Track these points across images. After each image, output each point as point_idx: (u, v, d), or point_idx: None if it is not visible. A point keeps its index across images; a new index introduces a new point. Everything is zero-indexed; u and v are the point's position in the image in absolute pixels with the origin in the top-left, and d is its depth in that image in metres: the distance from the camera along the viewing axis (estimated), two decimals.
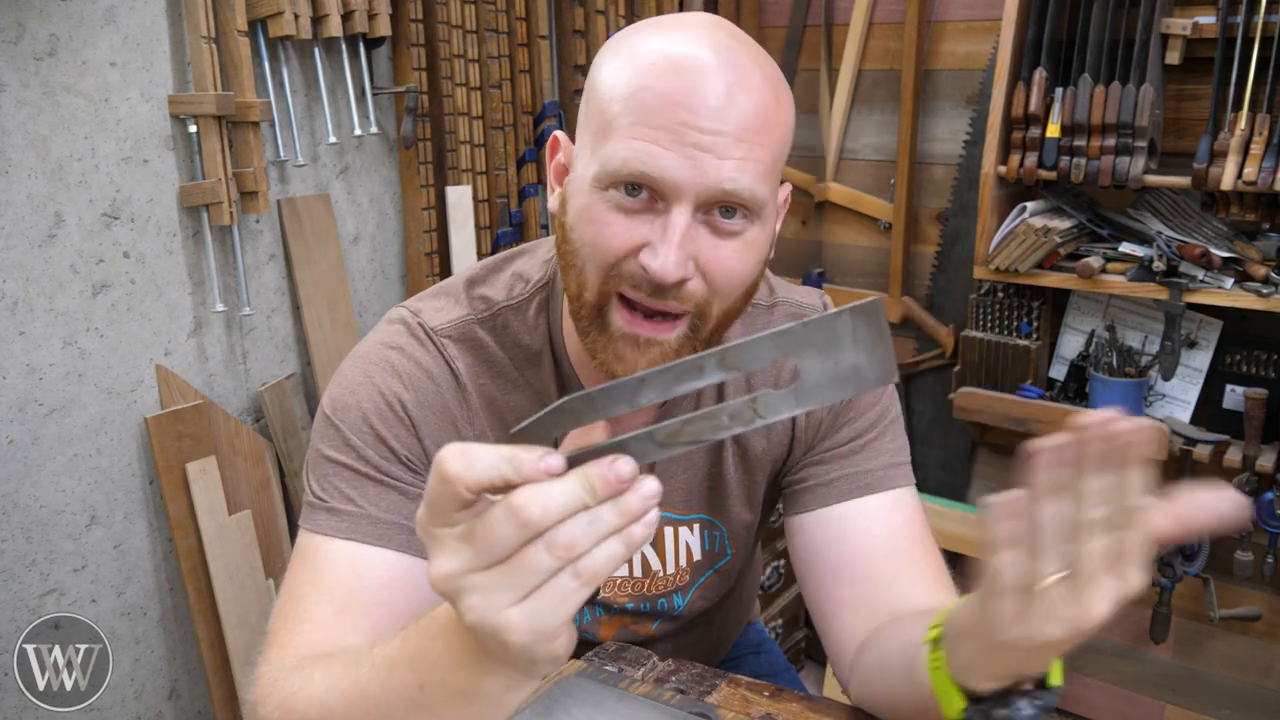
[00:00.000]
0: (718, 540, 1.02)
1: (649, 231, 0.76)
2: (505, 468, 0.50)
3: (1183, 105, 2.10)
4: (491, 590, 0.51)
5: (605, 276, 0.79)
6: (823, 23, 2.57)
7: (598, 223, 0.78)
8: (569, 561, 0.50)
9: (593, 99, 0.80)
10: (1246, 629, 2.25)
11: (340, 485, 0.86)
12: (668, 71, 0.75)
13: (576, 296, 0.81)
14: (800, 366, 0.51)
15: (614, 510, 0.50)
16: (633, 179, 0.75)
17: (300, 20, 1.63)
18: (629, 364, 0.80)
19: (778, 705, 0.91)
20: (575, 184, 0.81)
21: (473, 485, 0.50)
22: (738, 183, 0.75)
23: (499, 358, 0.92)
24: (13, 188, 1.38)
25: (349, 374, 0.90)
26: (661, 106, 0.74)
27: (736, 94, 0.75)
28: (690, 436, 0.52)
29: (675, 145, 0.74)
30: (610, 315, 0.80)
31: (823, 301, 1.02)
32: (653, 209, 0.77)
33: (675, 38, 0.77)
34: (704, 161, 0.74)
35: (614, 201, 0.77)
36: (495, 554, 0.50)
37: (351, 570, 0.83)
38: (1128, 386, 2.12)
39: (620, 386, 0.51)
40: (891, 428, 0.98)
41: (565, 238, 0.82)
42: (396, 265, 2.01)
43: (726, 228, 0.78)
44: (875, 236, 2.60)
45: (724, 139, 0.74)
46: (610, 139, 0.76)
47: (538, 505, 0.49)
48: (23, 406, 1.43)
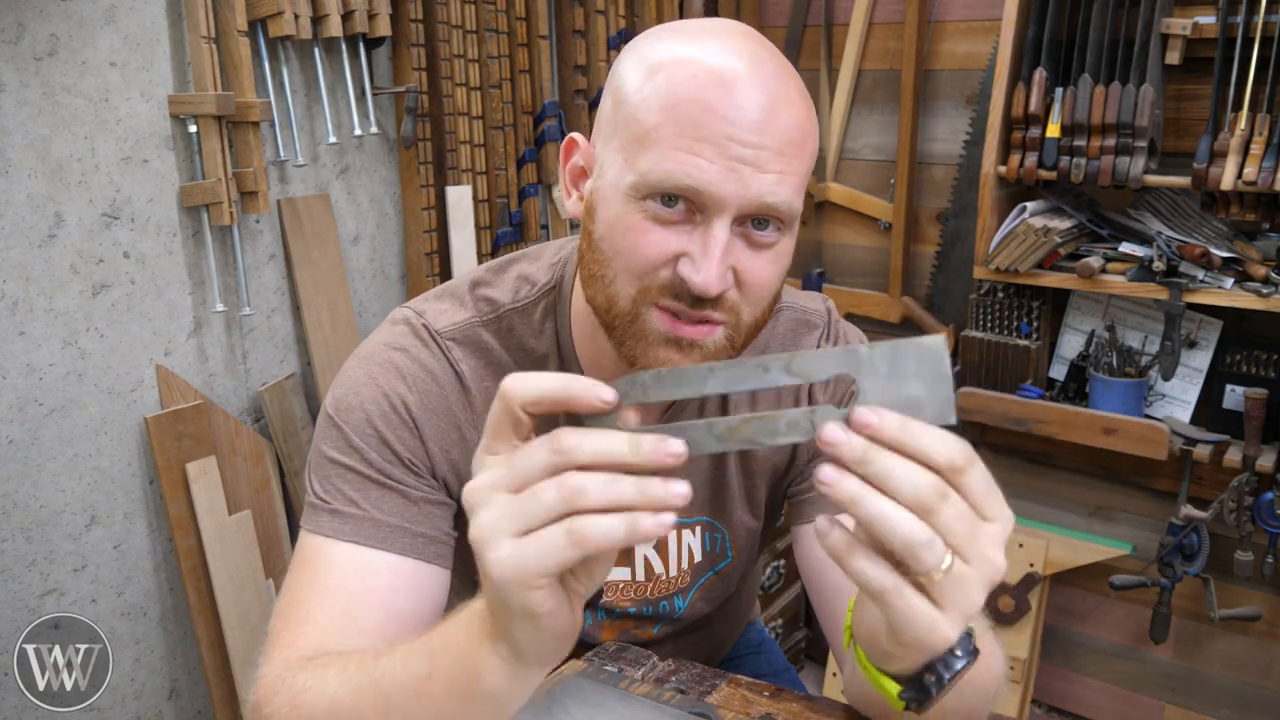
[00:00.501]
0: (719, 542, 1.02)
1: (686, 242, 0.76)
2: (557, 385, 0.53)
3: (1183, 105, 2.10)
4: (501, 513, 0.54)
5: (640, 287, 0.78)
6: (823, 23, 2.57)
7: (633, 231, 0.77)
8: (569, 511, 0.51)
9: (623, 106, 0.79)
10: (1246, 629, 2.25)
11: (343, 487, 0.86)
12: (710, 84, 0.74)
13: (606, 309, 0.81)
14: (861, 387, 0.53)
15: (635, 486, 0.51)
16: (676, 191, 0.75)
17: (300, 20, 1.63)
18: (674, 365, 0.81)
19: (778, 705, 0.91)
20: (604, 192, 0.80)
21: (528, 400, 0.53)
22: (777, 195, 0.75)
23: (503, 360, 0.92)
24: (13, 188, 1.38)
25: (353, 375, 0.90)
26: (705, 119, 0.74)
27: (778, 107, 0.75)
28: (746, 436, 0.54)
29: (719, 158, 0.74)
30: (649, 320, 0.79)
31: (826, 306, 1.02)
32: (690, 220, 0.76)
33: (710, 46, 0.77)
34: (746, 175, 0.74)
35: (650, 212, 0.76)
36: (520, 477, 0.53)
37: (354, 573, 0.83)
38: (1128, 386, 2.12)
39: (691, 372, 0.54)
40: None
41: (593, 247, 0.81)
42: (396, 265, 2.01)
43: (761, 240, 0.78)
44: (875, 236, 2.60)
45: (766, 152, 0.74)
46: (649, 149, 0.75)
47: (573, 436, 0.52)
48: (23, 406, 1.43)
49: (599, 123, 0.83)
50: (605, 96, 0.83)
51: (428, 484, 0.89)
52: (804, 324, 0.99)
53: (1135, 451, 2.10)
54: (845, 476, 0.52)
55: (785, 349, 0.97)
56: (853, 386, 0.54)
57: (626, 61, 0.81)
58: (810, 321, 0.99)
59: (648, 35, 0.83)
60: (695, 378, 0.54)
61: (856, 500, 0.52)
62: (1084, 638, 2.46)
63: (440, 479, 0.90)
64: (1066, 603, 2.46)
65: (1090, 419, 2.13)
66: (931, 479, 0.52)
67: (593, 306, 0.83)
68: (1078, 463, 2.37)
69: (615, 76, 0.82)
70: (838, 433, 0.52)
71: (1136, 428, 2.08)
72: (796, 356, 0.53)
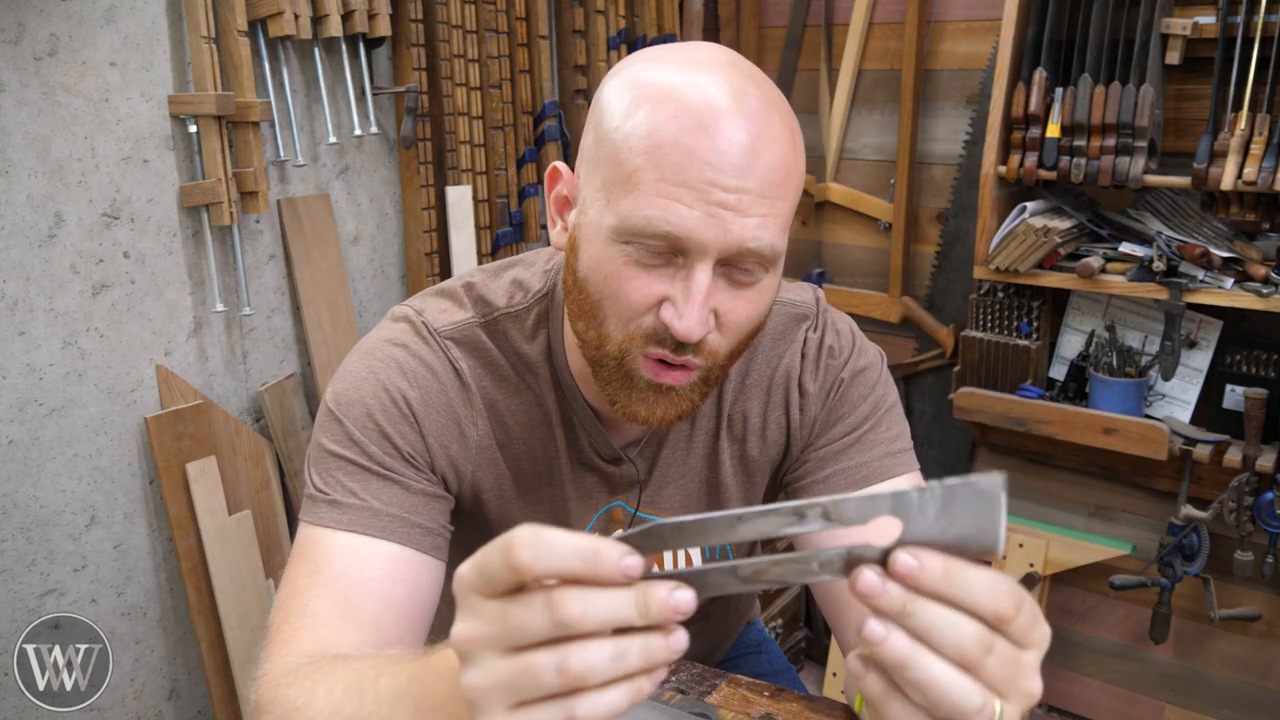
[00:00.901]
0: (716, 547, 1.03)
1: (668, 287, 0.76)
2: (579, 562, 0.47)
3: (1183, 105, 2.10)
4: (494, 682, 0.49)
5: (626, 334, 0.79)
6: (823, 23, 2.57)
7: (616, 277, 0.77)
8: (573, 692, 0.48)
9: (604, 143, 0.78)
10: (1246, 629, 2.25)
11: (343, 479, 0.86)
12: (691, 126, 0.73)
13: (597, 346, 0.81)
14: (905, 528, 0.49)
15: (640, 653, 0.48)
16: (656, 237, 0.75)
17: (300, 20, 1.64)
18: (651, 410, 0.82)
19: (778, 705, 0.91)
20: (586, 230, 0.80)
21: (540, 576, 0.47)
22: (759, 240, 0.75)
23: (500, 362, 0.93)
24: (13, 188, 1.38)
25: (353, 369, 0.90)
26: (686, 164, 0.73)
27: (760, 148, 0.74)
28: (775, 577, 0.50)
29: (700, 204, 0.73)
30: (635, 368, 0.80)
31: (815, 296, 1.01)
32: (672, 263, 0.76)
33: (694, 80, 0.75)
34: (727, 220, 0.74)
35: (632, 256, 0.76)
36: (517, 640, 0.48)
37: (353, 563, 0.83)
38: (1128, 386, 2.12)
39: (716, 521, 0.50)
40: (887, 416, 0.98)
41: (578, 285, 0.81)
42: (396, 265, 2.01)
43: (743, 280, 0.78)
44: (875, 236, 2.60)
45: (748, 196, 0.74)
46: (630, 194, 0.75)
47: (578, 606, 0.47)
48: (23, 406, 1.43)
49: (582, 153, 0.83)
50: (588, 128, 0.82)
51: (427, 477, 0.89)
52: (794, 318, 0.99)
53: (1135, 451, 2.10)
54: (891, 632, 0.49)
55: (775, 346, 0.97)
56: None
57: (609, 92, 0.80)
58: (800, 314, 0.99)
59: (634, 61, 0.81)
60: (720, 528, 0.49)
61: (906, 665, 0.50)
62: (1084, 638, 2.46)
63: (439, 474, 0.90)
64: (1066, 603, 2.46)
65: (1090, 419, 2.13)
66: (976, 631, 0.50)
67: (581, 340, 0.84)
68: (1078, 463, 2.37)
69: (598, 107, 0.81)
70: (874, 582, 0.49)
71: (1136, 428, 2.08)
72: (838, 503, 0.49)
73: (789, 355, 0.98)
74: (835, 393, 0.97)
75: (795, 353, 0.98)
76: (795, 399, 0.97)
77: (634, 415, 0.82)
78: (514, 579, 0.48)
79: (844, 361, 0.98)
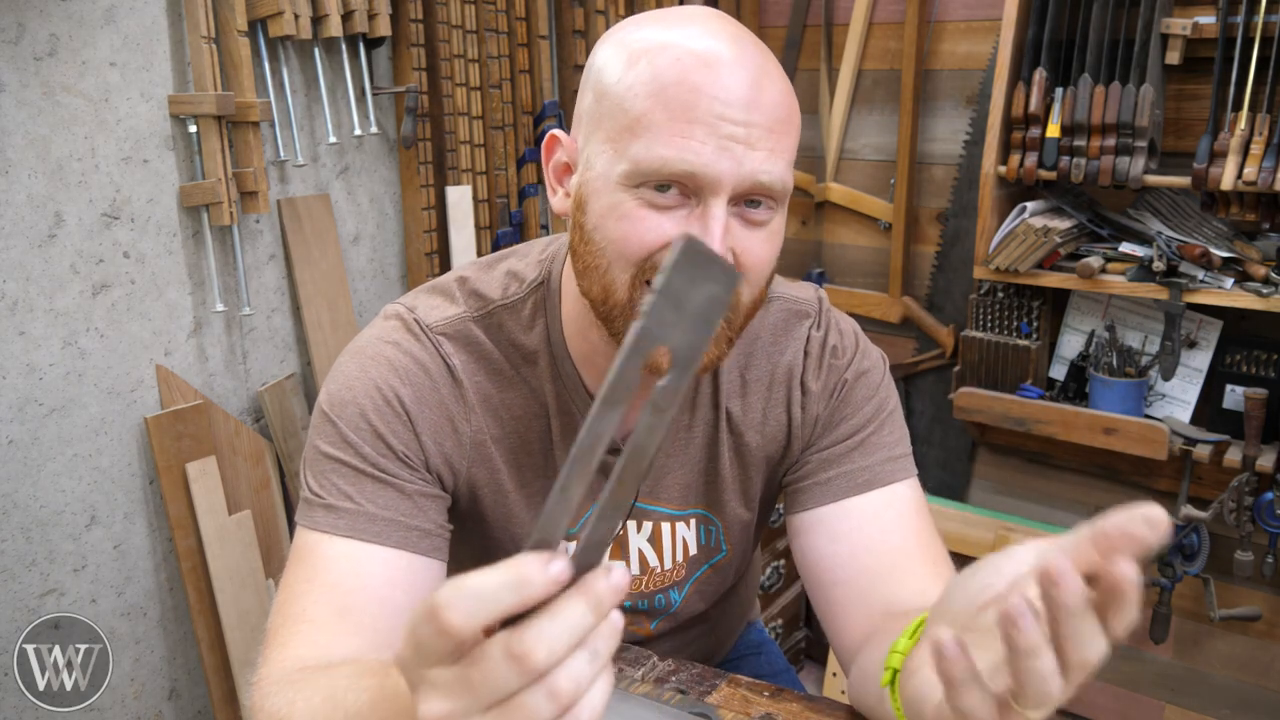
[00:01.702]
0: (713, 535, 1.02)
1: (683, 226, 0.77)
2: (512, 598, 0.45)
3: (1183, 105, 2.10)
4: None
5: (635, 271, 0.78)
6: (823, 23, 2.57)
7: (629, 219, 0.77)
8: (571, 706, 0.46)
9: (606, 97, 0.79)
10: (1246, 629, 2.25)
11: (338, 482, 0.86)
12: (695, 65, 0.75)
13: (603, 300, 0.81)
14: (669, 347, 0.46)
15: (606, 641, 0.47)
16: (672, 177, 0.75)
17: (300, 20, 1.64)
18: None
19: (778, 705, 0.91)
20: (594, 184, 0.80)
21: (475, 633, 0.45)
22: (771, 173, 0.76)
23: (494, 355, 0.92)
24: (13, 188, 1.38)
25: (346, 369, 0.90)
26: (695, 100, 0.74)
27: (763, 83, 0.76)
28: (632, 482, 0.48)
29: (711, 138, 0.74)
30: None
31: (817, 295, 1.02)
32: (685, 204, 0.77)
33: (689, 31, 0.77)
34: (739, 153, 0.75)
35: (645, 199, 0.77)
36: (495, 698, 0.46)
37: (350, 568, 0.83)
38: (1128, 386, 2.12)
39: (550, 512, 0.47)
40: (889, 421, 0.98)
41: (585, 239, 0.81)
42: (396, 265, 2.01)
43: (755, 218, 0.79)
44: (875, 236, 2.60)
45: (756, 130, 0.75)
46: (640, 136, 0.76)
47: (543, 649, 0.44)
48: (23, 406, 1.43)
49: (578, 117, 0.84)
50: (583, 91, 0.83)
51: (422, 477, 0.89)
52: (795, 314, 0.99)
53: (1135, 451, 2.10)
54: (1035, 626, 0.50)
55: (776, 342, 0.98)
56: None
57: (604, 53, 0.81)
58: (802, 311, 0.99)
59: (623, 26, 0.83)
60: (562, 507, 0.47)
61: (1035, 654, 0.51)
62: None
63: (434, 472, 0.90)
64: None
65: (1090, 419, 2.13)
66: (1103, 649, 0.51)
67: (588, 299, 0.83)
68: (1078, 463, 2.37)
69: (593, 69, 0.82)
70: (1069, 574, 0.49)
71: (1136, 428, 2.08)
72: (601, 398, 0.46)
73: (790, 352, 0.97)
74: (838, 393, 0.97)
75: (798, 350, 0.97)
76: (797, 397, 0.97)
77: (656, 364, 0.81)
78: (453, 643, 0.45)
79: (848, 362, 0.97)
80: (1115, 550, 0.50)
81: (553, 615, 0.45)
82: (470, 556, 1.03)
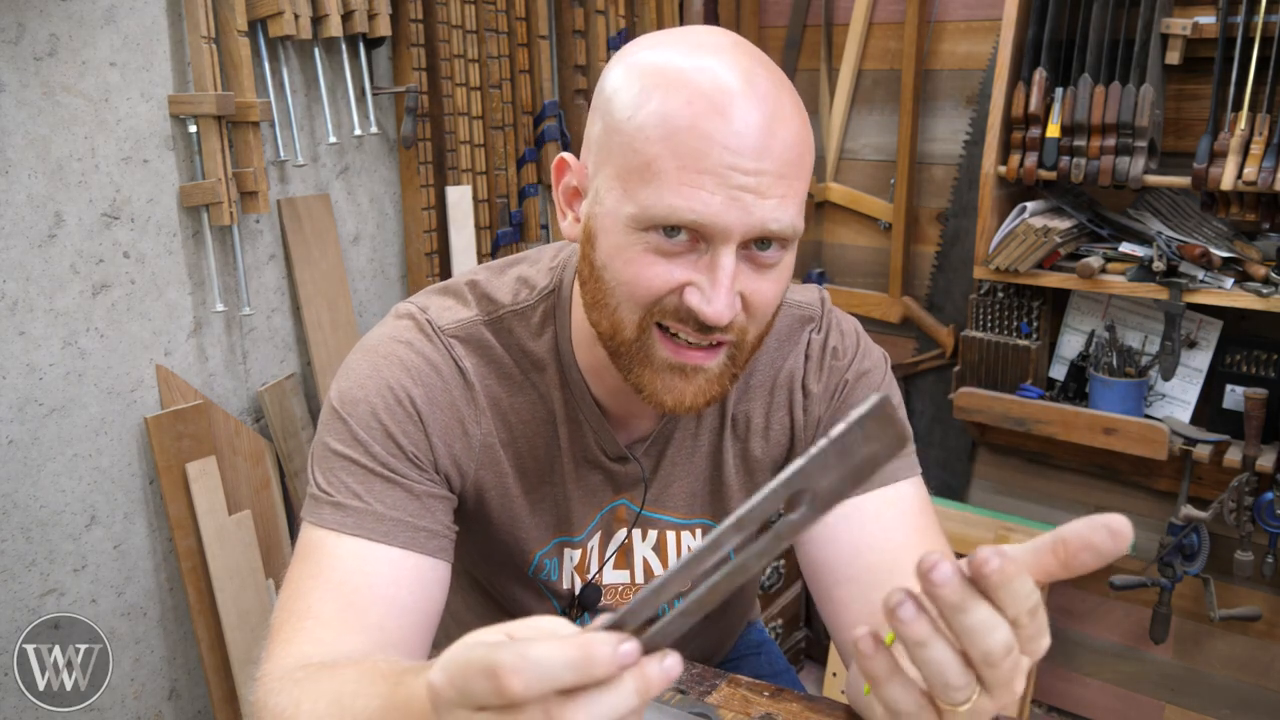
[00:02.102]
0: None
1: (691, 272, 0.77)
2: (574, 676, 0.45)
3: (1183, 105, 2.10)
4: None
5: (644, 313, 0.79)
6: (823, 23, 2.57)
7: (636, 264, 0.77)
8: None
9: (617, 133, 0.78)
10: (1246, 629, 2.25)
11: (347, 480, 0.86)
12: (706, 111, 0.74)
13: (611, 335, 0.81)
14: (821, 487, 0.49)
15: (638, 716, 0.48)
16: (680, 225, 0.75)
17: (300, 20, 1.64)
18: (678, 394, 0.81)
19: (778, 705, 0.91)
20: (603, 220, 0.80)
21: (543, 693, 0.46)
22: (780, 221, 0.76)
23: (504, 360, 0.92)
24: (13, 188, 1.38)
25: (357, 367, 0.90)
26: (706, 149, 0.73)
27: (775, 128, 0.75)
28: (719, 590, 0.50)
29: (721, 189, 0.74)
30: (653, 349, 0.80)
31: (820, 297, 1.02)
32: (694, 249, 0.77)
33: (703, 63, 0.76)
34: (749, 202, 0.74)
35: (653, 244, 0.77)
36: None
37: (357, 567, 0.83)
38: (1128, 386, 2.12)
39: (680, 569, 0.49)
40: None
41: (595, 276, 0.81)
42: (396, 265, 2.01)
43: (765, 260, 0.79)
44: (875, 236, 2.60)
45: (767, 178, 0.75)
46: (650, 183, 0.75)
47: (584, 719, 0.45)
48: (23, 406, 1.43)
49: (589, 142, 0.83)
50: (594, 116, 0.82)
51: (430, 478, 0.89)
52: (799, 320, 0.99)
53: (1135, 451, 2.10)
54: (920, 618, 0.51)
55: (780, 348, 0.98)
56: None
57: (614, 78, 0.80)
58: (806, 315, 0.99)
59: (635, 47, 0.82)
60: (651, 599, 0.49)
61: (924, 644, 0.52)
62: (1084, 638, 2.46)
63: (442, 473, 0.90)
64: (1066, 602, 2.46)
65: (1090, 419, 2.13)
66: (1008, 637, 0.51)
67: (597, 331, 0.84)
68: (1078, 463, 2.37)
69: (604, 95, 0.80)
70: (948, 572, 0.50)
71: (1136, 428, 2.08)
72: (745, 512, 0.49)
73: (793, 357, 0.98)
74: (840, 394, 0.97)
75: (799, 354, 0.98)
76: (799, 400, 0.97)
77: (660, 402, 0.81)
78: (503, 704, 0.46)
79: (848, 363, 0.98)
80: (1074, 558, 0.50)
81: (603, 694, 0.46)
82: (474, 557, 1.03)
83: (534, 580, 1.00)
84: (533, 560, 0.98)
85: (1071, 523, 0.51)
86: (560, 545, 0.99)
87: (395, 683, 0.65)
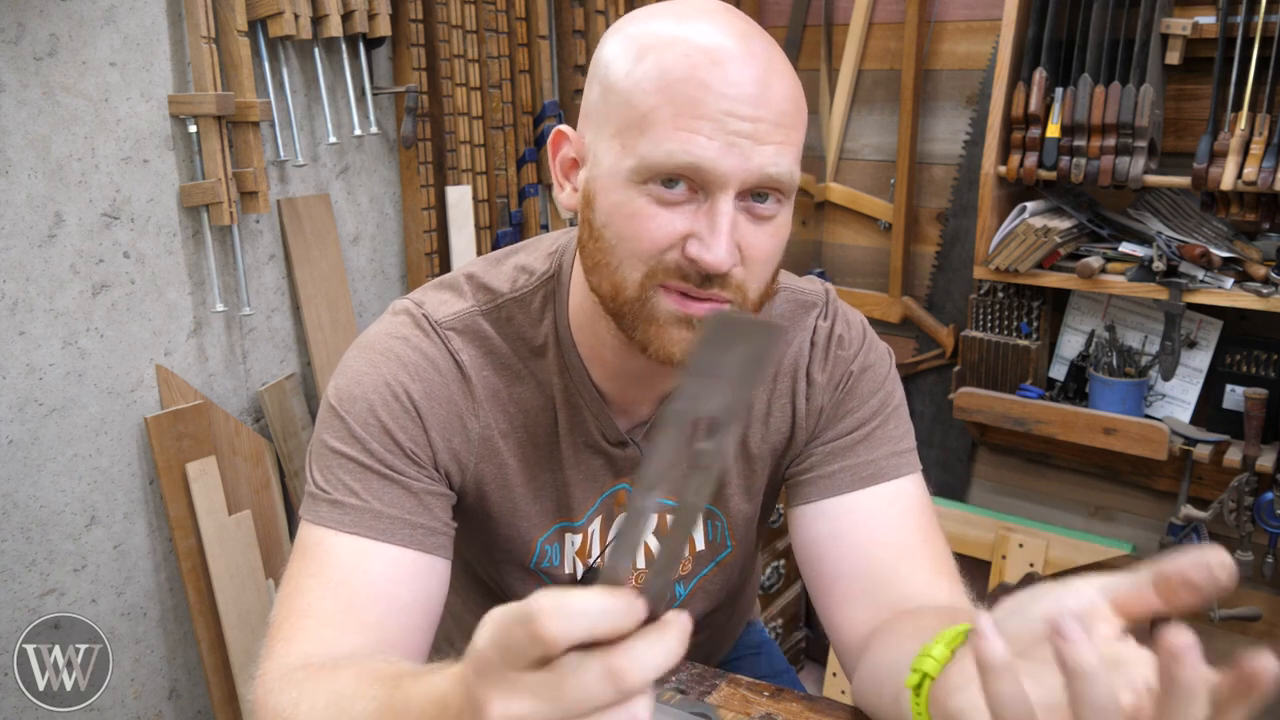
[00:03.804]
0: (719, 531, 1.03)
1: (691, 222, 0.77)
2: (607, 624, 0.47)
3: (1183, 105, 2.10)
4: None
5: (647, 270, 0.78)
6: (823, 23, 2.57)
7: (638, 216, 0.77)
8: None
9: (614, 92, 0.79)
10: (1246, 629, 2.25)
11: (345, 478, 0.86)
12: (703, 62, 0.75)
13: (613, 296, 0.81)
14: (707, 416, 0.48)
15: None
16: (679, 171, 0.75)
17: (300, 20, 1.64)
18: (684, 347, 0.80)
19: (778, 705, 0.91)
20: (602, 180, 0.80)
21: (574, 640, 0.47)
22: (779, 166, 0.76)
23: (502, 349, 0.92)
24: (13, 188, 1.38)
25: (354, 364, 0.90)
26: (702, 95, 0.74)
27: (771, 79, 0.76)
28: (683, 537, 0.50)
29: (719, 134, 0.74)
30: (657, 304, 0.79)
31: (824, 288, 1.02)
32: (693, 199, 0.77)
33: (697, 26, 0.77)
34: (746, 148, 0.75)
35: (653, 195, 0.77)
36: (580, 710, 0.47)
37: (356, 565, 0.83)
38: (1128, 386, 2.12)
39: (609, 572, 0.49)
40: (894, 415, 0.98)
41: (595, 235, 0.81)
42: (396, 265, 2.01)
43: (763, 212, 0.79)
44: (875, 236, 2.61)
45: (764, 125, 0.75)
46: (647, 133, 0.76)
47: (638, 673, 0.46)
48: (23, 406, 1.43)
49: (586, 112, 0.83)
50: (590, 84, 0.83)
51: (429, 474, 0.89)
52: (802, 305, 0.99)
53: (1135, 451, 2.10)
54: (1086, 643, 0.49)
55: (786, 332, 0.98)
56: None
57: (611, 47, 0.81)
58: (809, 302, 0.99)
59: (631, 19, 0.83)
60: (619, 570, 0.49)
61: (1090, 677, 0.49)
62: None
63: (441, 469, 0.90)
64: None
65: (1090, 419, 2.13)
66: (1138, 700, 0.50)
67: (598, 295, 0.83)
68: (1078, 463, 2.37)
69: (600, 63, 0.81)
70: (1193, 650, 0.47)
71: (1136, 428, 2.08)
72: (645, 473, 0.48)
73: (797, 343, 0.97)
74: (844, 385, 0.97)
75: (804, 341, 0.97)
76: (802, 388, 0.97)
77: (668, 356, 0.80)
78: (542, 652, 0.47)
79: (854, 354, 0.97)
80: (1176, 596, 0.48)
81: (650, 644, 0.47)
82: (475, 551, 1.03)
83: (536, 572, 1.00)
84: (535, 548, 0.98)
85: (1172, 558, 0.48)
86: (561, 530, 0.98)
87: (393, 686, 0.65)
